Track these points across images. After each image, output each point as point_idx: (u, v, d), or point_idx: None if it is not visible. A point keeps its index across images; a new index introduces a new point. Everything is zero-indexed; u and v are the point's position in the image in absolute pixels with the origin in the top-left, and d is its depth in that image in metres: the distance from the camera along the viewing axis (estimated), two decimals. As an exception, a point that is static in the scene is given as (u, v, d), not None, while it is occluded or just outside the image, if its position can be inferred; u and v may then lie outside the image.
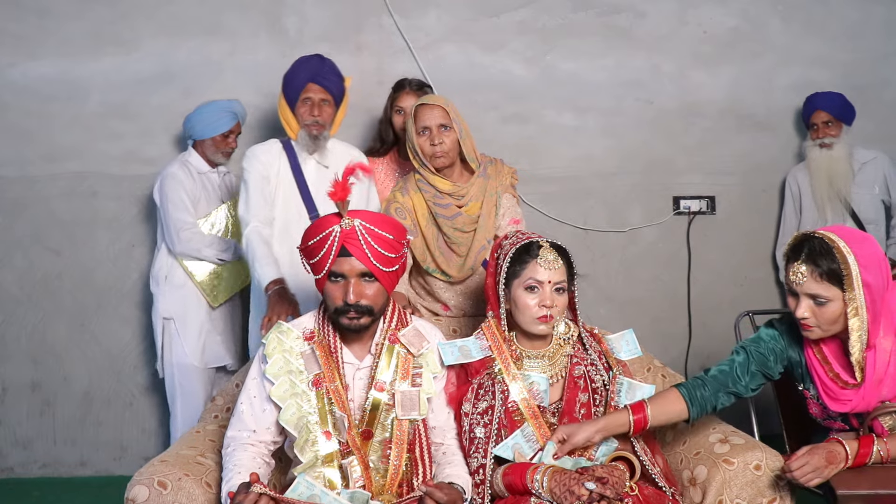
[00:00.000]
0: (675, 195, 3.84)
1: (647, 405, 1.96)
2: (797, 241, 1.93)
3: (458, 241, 2.58)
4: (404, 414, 1.93)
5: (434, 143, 2.51)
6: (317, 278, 1.95)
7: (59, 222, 3.62)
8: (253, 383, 1.97)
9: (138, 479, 1.82)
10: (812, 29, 3.86)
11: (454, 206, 2.57)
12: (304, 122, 2.81)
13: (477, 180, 2.60)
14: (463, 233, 2.57)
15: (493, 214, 2.59)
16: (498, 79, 3.74)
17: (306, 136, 2.81)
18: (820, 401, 2.03)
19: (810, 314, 1.91)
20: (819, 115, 3.57)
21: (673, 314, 3.85)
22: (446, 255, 2.60)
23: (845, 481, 1.82)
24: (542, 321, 2.00)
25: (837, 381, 1.98)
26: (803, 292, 1.90)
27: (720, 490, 1.90)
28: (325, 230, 1.90)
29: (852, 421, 2.02)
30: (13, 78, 3.59)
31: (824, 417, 2.06)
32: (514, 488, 1.89)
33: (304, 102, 2.81)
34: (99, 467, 3.65)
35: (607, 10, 3.80)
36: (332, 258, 1.88)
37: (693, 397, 2.01)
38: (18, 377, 3.63)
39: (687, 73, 3.84)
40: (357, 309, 1.90)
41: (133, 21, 3.62)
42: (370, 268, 1.89)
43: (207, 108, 3.28)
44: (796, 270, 1.90)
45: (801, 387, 2.09)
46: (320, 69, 2.84)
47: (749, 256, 3.87)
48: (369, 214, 1.94)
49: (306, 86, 2.81)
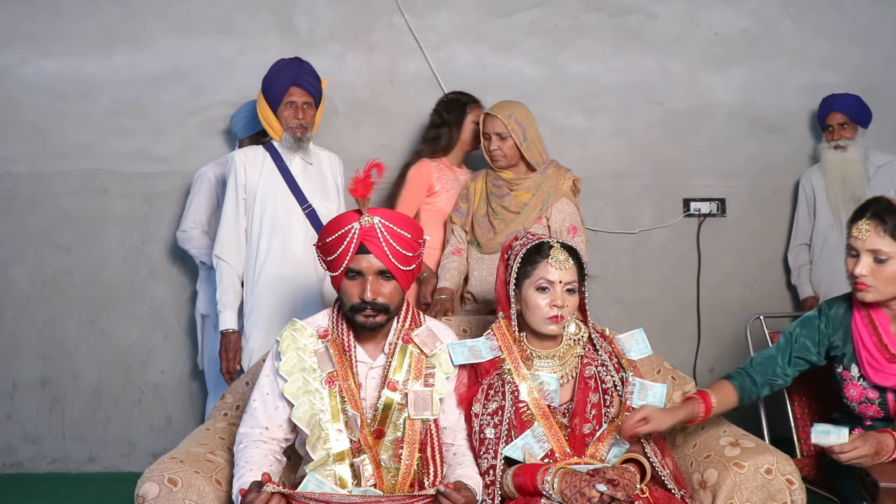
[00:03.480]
0: (686, 197, 3.83)
1: (712, 395, 2.05)
2: (863, 203, 2.01)
3: (501, 217, 2.86)
4: (417, 414, 1.93)
5: (491, 149, 2.87)
6: (333, 275, 1.95)
7: (69, 219, 3.64)
8: (266, 380, 1.97)
9: (149, 475, 1.82)
10: (824, 31, 3.84)
11: (507, 188, 2.89)
12: (288, 125, 2.86)
13: (534, 175, 2.89)
14: (507, 211, 2.86)
15: (538, 208, 2.85)
16: (509, 79, 3.73)
17: (291, 139, 2.86)
18: (861, 379, 2.05)
19: (869, 272, 1.95)
20: (835, 117, 3.55)
21: (682, 316, 3.83)
22: (484, 227, 2.89)
23: (888, 474, 1.82)
24: (552, 321, 2.00)
25: (885, 352, 2.01)
26: (865, 248, 1.95)
27: (730, 493, 1.89)
28: (344, 227, 1.89)
29: (889, 404, 2.02)
30: (25, 75, 3.60)
31: (861, 401, 2.07)
32: (524, 489, 1.89)
33: (288, 106, 2.86)
34: (107, 464, 3.66)
35: (618, 11, 3.79)
36: (351, 255, 1.88)
37: (743, 387, 2.12)
38: (28, 373, 3.64)
39: (698, 75, 3.82)
40: (374, 307, 1.90)
41: (144, 19, 3.63)
42: (388, 266, 1.89)
43: (249, 106, 3.31)
44: (860, 227, 1.97)
45: (839, 369, 2.11)
46: (301, 72, 2.89)
47: (759, 259, 3.86)
48: (388, 212, 1.95)
49: (289, 89, 2.85)
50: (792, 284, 3.77)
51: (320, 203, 2.90)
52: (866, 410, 2.07)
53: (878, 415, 2.05)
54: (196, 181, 3.35)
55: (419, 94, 3.70)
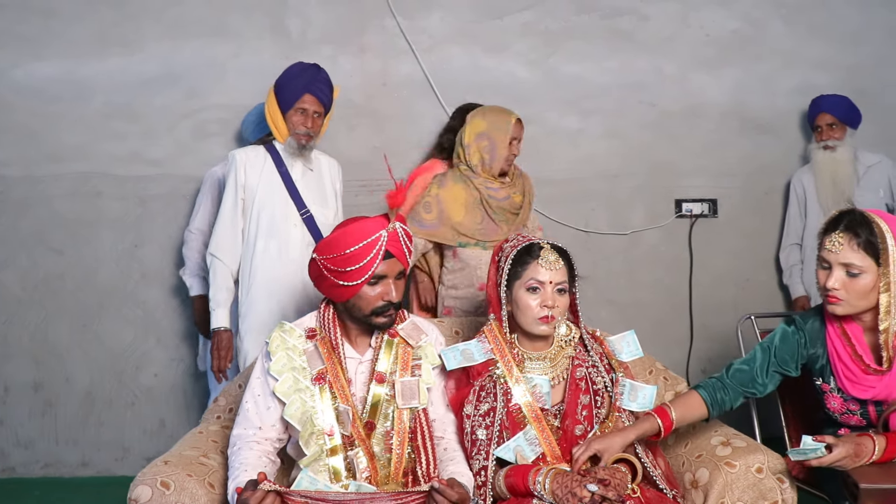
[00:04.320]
0: (678, 198, 3.85)
1: (671, 410, 1.99)
2: (836, 214, 1.97)
3: (504, 218, 2.96)
4: (404, 403, 1.98)
5: (514, 153, 2.99)
6: (354, 284, 1.94)
7: (62, 222, 3.63)
8: (257, 382, 2.00)
9: (141, 479, 1.83)
10: (814, 32, 3.86)
11: (503, 191, 2.98)
12: (295, 131, 2.84)
13: (518, 180, 3.06)
14: (507, 212, 2.97)
15: (528, 208, 3.06)
16: (501, 81, 3.74)
17: (295, 144, 2.85)
18: (840, 392, 2.04)
19: (841, 285, 1.93)
20: (824, 118, 3.57)
21: (674, 317, 3.85)
22: (489, 228, 2.95)
23: (868, 476, 1.83)
24: (543, 322, 2.01)
25: (860, 364, 2.00)
26: (838, 262, 1.92)
27: (722, 493, 1.90)
28: (372, 235, 1.93)
29: (871, 415, 2.02)
30: (18, 78, 3.60)
31: (843, 412, 2.06)
32: (515, 490, 1.89)
33: (299, 112, 2.84)
34: (100, 468, 3.66)
35: (610, 13, 3.80)
36: (379, 262, 1.93)
37: (714, 400, 2.06)
38: (20, 377, 3.63)
39: (689, 76, 3.84)
40: (395, 306, 1.99)
41: (138, 22, 3.63)
42: (406, 266, 2.02)
43: (257, 109, 3.30)
44: (833, 239, 1.93)
45: (818, 381, 2.10)
46: (317, 80, 2.87)
47: (751, 259, 3.87)
48: (399, 216, 2.01)
49: (303, 96, 2.83)
50: (784, 284, 3.79)
51: (318, 209, 2.89)
52: (849, 420, 2.07)
53: (860, 424, 2.05)
54: (205, 181, 3.30)
55: (412, 96, 3.71)
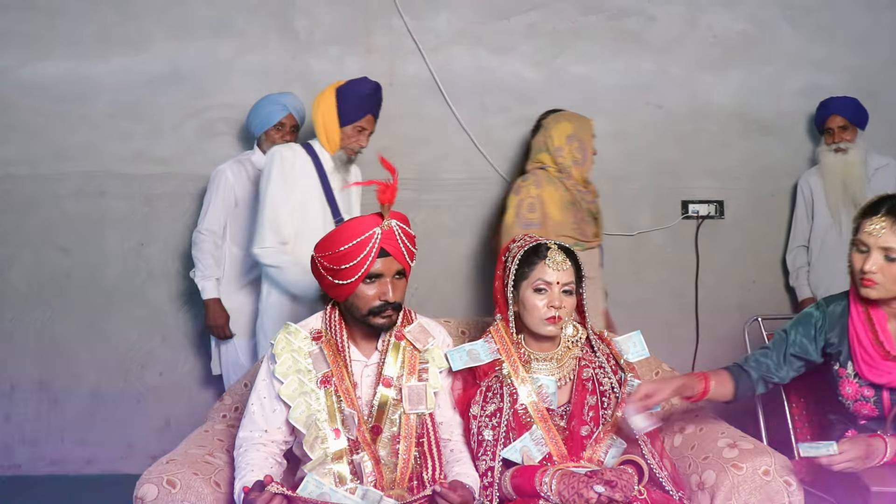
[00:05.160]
0: (684, 199, 3.84)
1: (711, 379, 2.06)
2: (876, 199, 2.00)
3: (590, 221, 3.08)
4: (412, 408, 1.96)
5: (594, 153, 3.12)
6: (348, 282, 1.92)
7: (68, 221, 3.63)
8: (263, 384, 1.98)
9: (147, 477, 1.83)
10: (821, 34, 3.85)
11: (590, 195, 3.12)
12: (349, 146, 2.87)
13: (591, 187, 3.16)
14: (593, 216, 3.10)
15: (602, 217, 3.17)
16: (507, 82, 3.74)
17: (344, 157, 2.89)
18: (856, 377, 2.05)
19: (878, 269, 1.95)
20: (834, 120, 3.55)
21: (681, 318, 3.84)
22: (583, 227, 3.04)
23: (880, 478, 1.82)
24: (550, 322, 2.00)
25: (881, 350, 2.01)
26: (878, 245, 1.95)
27: (728, 495, 1.89)
28: (366, 233, 1.90)
29: (884, 402, 2.02)
30: (23, 78, 3.60)
31: (857, 398, 2.07)
32: (522, 491, 1.89)
33: (358, 130, 2.87)
34: (106, 465, 3.66)
35: (617, 13, 3.80)
36: (373, 259, 1.90)
37: (739, 380, 2.11)
38: (26, 375, 3.64)
39: (696, 77, 3.83)
40: (393, 307, 1.95)
41: (143, 22, 3.63)
42: (405, 266, 1.96)
43: (259, 103, 3.29)
44: (875, 223, 1.95)
45: (836, 366, 2.11)
46: (379, 102, 2.93)
47: (757, 261, 3.86)
48: (398, 214, 1.97)
49: (367, 116, 2.87)
50: (790, 286, 3.77)
51: (347, 216, 2.90)
52: (861, 409, 2.07)
53: (872, 413, 2.05)
54: (212, 180, 3.24)
55: (418, 96, 3.71)
